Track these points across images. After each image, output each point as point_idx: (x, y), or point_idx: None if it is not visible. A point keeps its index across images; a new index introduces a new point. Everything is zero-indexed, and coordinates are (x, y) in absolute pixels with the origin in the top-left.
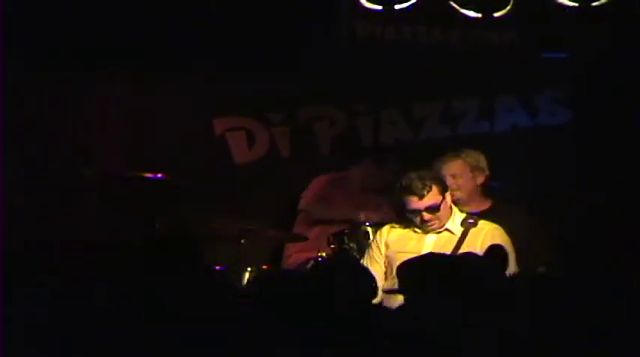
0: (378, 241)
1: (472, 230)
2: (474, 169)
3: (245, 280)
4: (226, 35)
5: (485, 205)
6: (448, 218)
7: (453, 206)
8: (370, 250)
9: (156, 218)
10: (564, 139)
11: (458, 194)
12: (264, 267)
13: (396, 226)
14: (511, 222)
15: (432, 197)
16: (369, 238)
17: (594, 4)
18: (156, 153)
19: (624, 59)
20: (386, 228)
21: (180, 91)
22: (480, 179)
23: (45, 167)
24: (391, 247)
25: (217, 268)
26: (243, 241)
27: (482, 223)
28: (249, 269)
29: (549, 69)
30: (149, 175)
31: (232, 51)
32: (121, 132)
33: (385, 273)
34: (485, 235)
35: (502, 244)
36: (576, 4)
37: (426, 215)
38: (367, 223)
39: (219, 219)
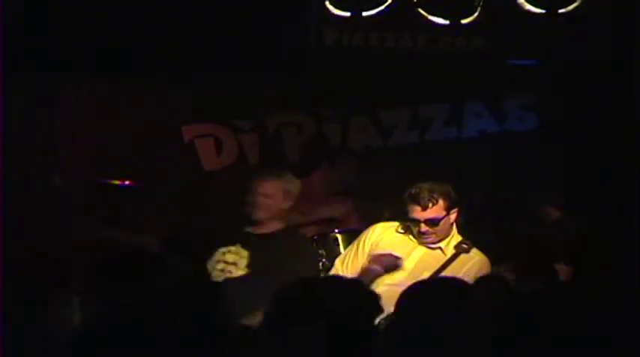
0: (366, 238)
1: (462, 255)
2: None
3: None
4: (195, 42)
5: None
6: (447, 236)
7: (455, 226)
8: (355, 244)
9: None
10: (533, 145)
11: (261, 214)
12: None
13: (400, 229)
14: None
15: (435, 210)
16: (338, 244)
17: (561, 10)
18: (125, 160)
19: (592, 65)
20: (380, 227)
21: (149, 97)
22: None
23: (13, 176)
24: (379, 247)
25: None
26: None
27: (474, 251)
28: None
29: (517, 75)
30: (117, 182)
31: (201, 58)
32: (90, 139)
33: (362, 270)
34: (473, 265)
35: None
36: (544, 11)
37: (424, 227)
38: (336, 231)
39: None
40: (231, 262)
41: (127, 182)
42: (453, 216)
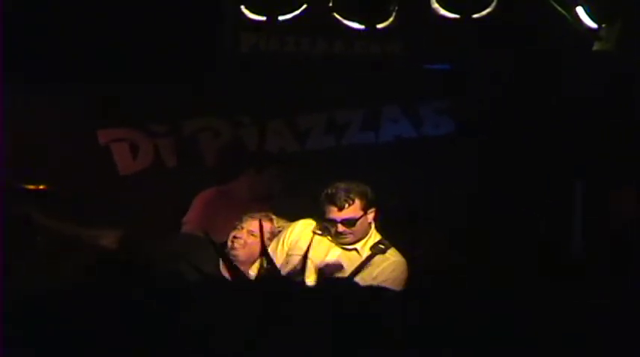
0: (285, 237)
1: (378, 257)
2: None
3: None
4: (110, 46)
5: None
6: (364, 236)
7: (372, 227)
8: (275, 242)
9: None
10: (448, 150)
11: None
12: None
13: (317, 230)
14: None
15: (351, 210)
16: None
17: (475, 15)
18: (40, 164)
19: (507, 70)
20: (300, 225)
21: (64, 101)
22: None
23: None
24: (296, 247)
25: None
26: None
27: (390, 252)
28: None
29: (432, 80)
30: (31, 186)
31: (116, 62)
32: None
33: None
34: (387, 266)
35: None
36: (458, 16)
37: (341, 227)
38: None
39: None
40: None
41: (41, 186)
42: (370, 216)
